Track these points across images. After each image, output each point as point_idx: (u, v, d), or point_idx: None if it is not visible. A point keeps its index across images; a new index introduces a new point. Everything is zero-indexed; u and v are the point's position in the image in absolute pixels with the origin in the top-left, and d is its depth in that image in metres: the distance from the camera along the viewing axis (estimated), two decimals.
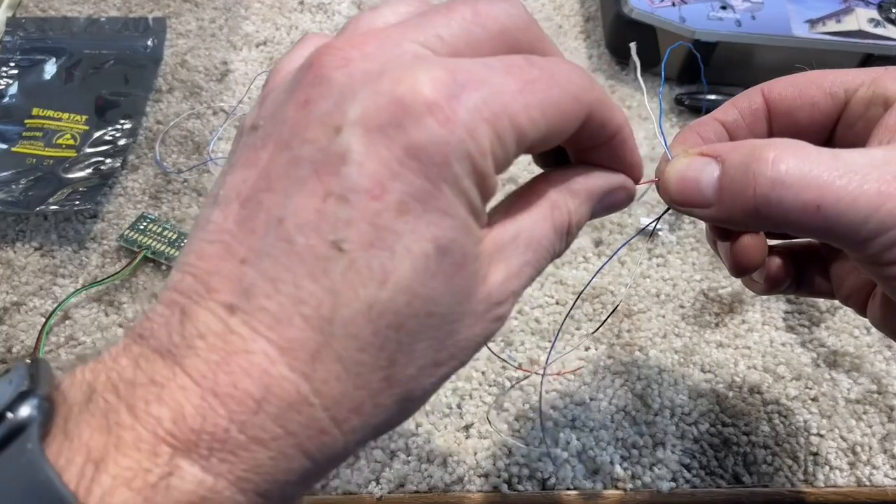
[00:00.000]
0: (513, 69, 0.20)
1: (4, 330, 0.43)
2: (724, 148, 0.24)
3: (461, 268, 0.19)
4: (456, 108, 0.18)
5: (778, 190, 0.22)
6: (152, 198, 0.49)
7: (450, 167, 0.18)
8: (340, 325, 0.18)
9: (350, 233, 0.18)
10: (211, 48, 0.58)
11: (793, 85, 0.28)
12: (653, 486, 0.39)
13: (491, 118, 0.19)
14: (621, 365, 0.43)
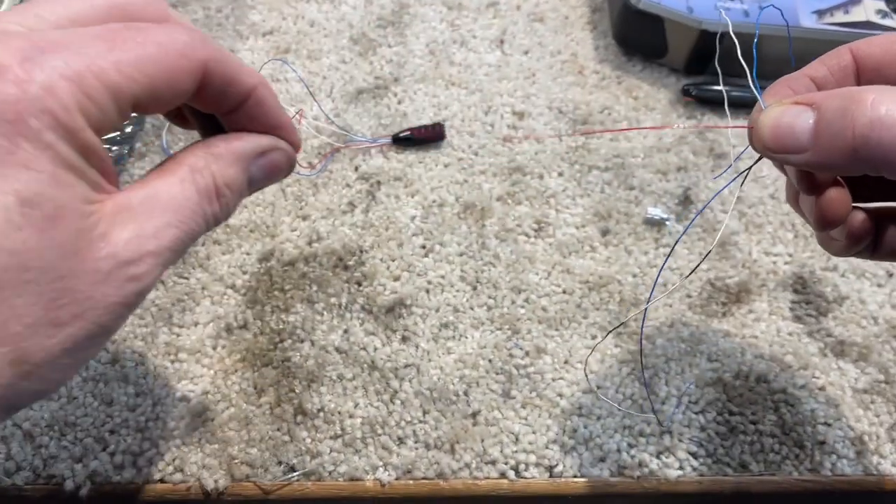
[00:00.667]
0: (106, 33, 0.21)
1: None
2: (819, 96, 0.25)
3: (57, 221, 0.20)
4: (30, 69, 0.19)
5: (878, 130, 0.22)
6: None
7: (25, 123, 0.19)
8: None
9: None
10: (218, 37, 0.58)
11: (880, 44, 0.28)
12: (660, 474, 0.39)
13: (72, 76, 0.20)
14: (628, 354, 0.43)
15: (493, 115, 0.54)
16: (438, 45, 0.58)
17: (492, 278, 0.46)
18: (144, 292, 0.22)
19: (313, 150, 0.52)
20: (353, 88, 0.55)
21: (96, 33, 0.21)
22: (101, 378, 0.41)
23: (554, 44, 0.59)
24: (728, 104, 0.56)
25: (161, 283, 0.45)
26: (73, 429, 0.39)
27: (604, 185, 0.51)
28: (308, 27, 0.59)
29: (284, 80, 0.56)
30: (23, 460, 0.38)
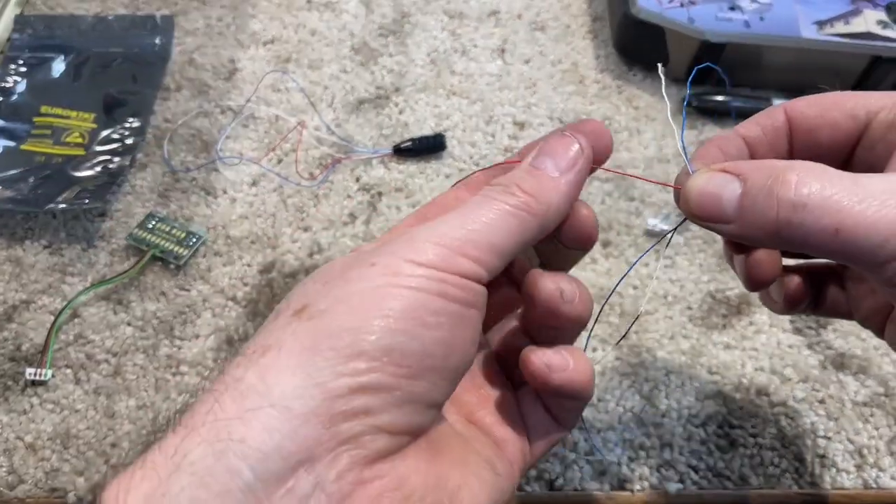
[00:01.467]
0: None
1: (14, 328, 0.43)
2: (746, 167, 0.25)
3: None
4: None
5: (800, 213, 0.23)
6: (161, 196, 0.49)
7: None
8: None
9: None
10: (219, 46, 0.58)
11: (816, 105, 0.28)
12: (660, 488, 0.39)
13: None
14: (628, 366, 0.43)
15: (495, 125, 0.54)
16: (439, 54, 0.59)
17: None
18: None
19: (314, 161, 0.52)
20: (354, 98, 0.55)
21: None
22: (102, 391, 0.41)
23: (555, 53, 0.59)
24: (731, 114, 0.56)
25: (163, 295, 0.45)
26: (76, 442, 0.39)
27: (604, 196, 0.51)
28: (309, 36, 0.59)
29: (285, 91, 0.56)
30: (25, 473, 0.38)
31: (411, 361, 0.22)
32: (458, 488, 0.24)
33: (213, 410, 0.21)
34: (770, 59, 0.55)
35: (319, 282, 0.24)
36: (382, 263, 0.23)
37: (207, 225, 0.48)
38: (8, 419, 0.40)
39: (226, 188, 0.50)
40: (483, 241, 0.24)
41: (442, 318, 0.23)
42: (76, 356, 0.42)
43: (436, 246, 0.23)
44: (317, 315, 0.22)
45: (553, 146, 0.26)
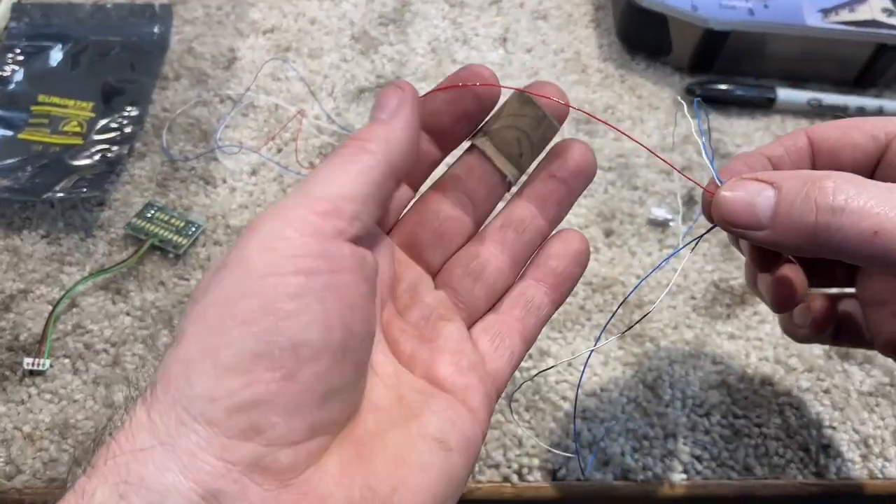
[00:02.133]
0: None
1: (11, 317, 0.43)
2: (779, 176, 0.25)
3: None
4: None
5: (838, 217, 0.23)
6: (159, 185, 0.49)
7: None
8: None
9: None
10: (218, 35, 0.57)
11: (836, 127, 0.29)
12: (664, 478, 0.39)
13: None
14: (632, 356, 0.43)
15: None
16: (440, 43, 0.58)
17: None
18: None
19: (314, 150, 0.51)
20: (354, 87, 0.55)
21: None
22: (101, 381, 0.41)
23: (557, 42, 0.59)
24: (734, 103, 0.55)
25: (162, 285, 0.44)
26: (74, 432, 0.39)
27: (607, 186, 0.50)
28: (309, 25, 0.59)
29: (285, 79, 0.55)
30: (23, 463, 0.38)
31: (283, 360, 0.21)
32: (393, 491, 0.22)
33: (111, 449, 0.20)
34: (774, 47, 0.55)
35: (191, 301, 0.23)
36: (232, 260, 0.22)
37: (207, 214, 0.47)
38: (6, 409, 0.40)
39: (225, 177, 0.49)
40: (333, 193, 0.23)
41: (304, 300, 0.21)
42: (74, 346, 0.42)
43: (283, 219, 0.22)
44: (182, 340, 0.21)
45: (380, 98, 0.26)
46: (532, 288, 0.29)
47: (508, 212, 0.30)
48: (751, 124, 0.55)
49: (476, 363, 0.27)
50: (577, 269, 0.30)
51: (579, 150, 0.29)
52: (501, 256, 0.29)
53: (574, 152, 0.29)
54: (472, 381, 0.26)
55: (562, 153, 0.29)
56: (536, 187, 0.30)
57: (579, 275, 0.30)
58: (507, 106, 0.29)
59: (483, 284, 0.29)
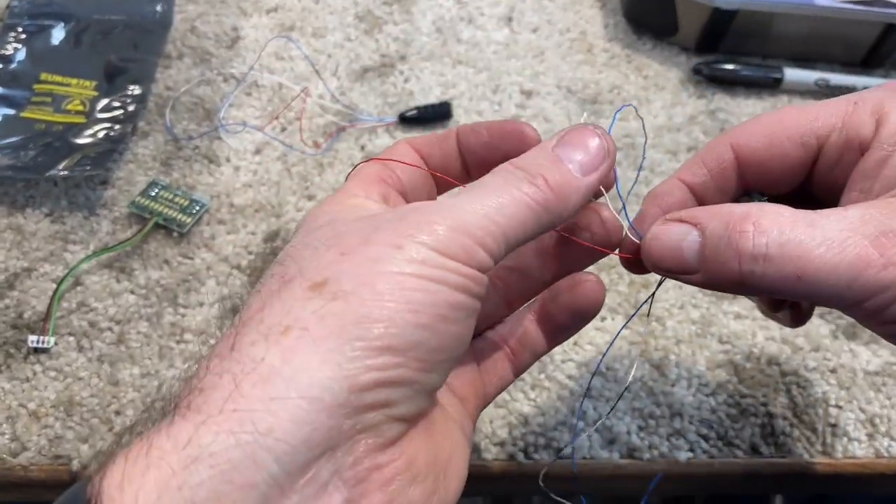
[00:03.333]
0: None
1: (15, 295, 0.43)
2: (703, 215, 0.25)
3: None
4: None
5: (761, 264, 0.23)
6: (163, 164, 0.48)
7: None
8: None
9: None
10: (221, 14, 0.57)
11: (762, 136, 0.27)
12: (670, 456, 0.39)
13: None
14: (638, 336, 0.43)
15: (501, 94, 0.53)
16: (445, 22, 0.58)
17: None
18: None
19: (318, 129, 0.51)
20: (358, 66, 0.55)
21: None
22: (106, 359, 0.40)
23: (563, 21, 0.58)
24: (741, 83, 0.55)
25: (166, 263, 0.44)
26: (79, 409, 0.39)
27: None
28: (313, 4, 0.58)
29: (289, 59, 0.55)
30: (28, 441, 0.38)
31: (430, 356, 0.22)
32: (449, 459, 0.25)
33: (232, 397, 0.20)
34: (781, 27, 0.54)
35: (335, 250, 0.23)
36: (408, 248, 0.22)
37: (211, 193, 0.47)
38: (10, 386, 0.39)
39: (229, 156, 0.49)
40: (499, 231, 0.23)
41: (460, 314, 0.23)
42: (79, 324, 0.42)
43: (457, 233, 0.23)
44: (342, 296, 0.21)
45: (582, 138, 0.25)
46: (532, 326, 0.30)
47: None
48: (758, 104, 0.54)
49: (473, 380, 0.29)
50: (580, 324, 0.30)
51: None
52: (501, 293, 0.30)
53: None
54: (468, 394, 0.29)
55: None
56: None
57: (582, 326, 0.30)
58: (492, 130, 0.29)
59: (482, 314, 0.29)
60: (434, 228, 0.23)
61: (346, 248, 0.23)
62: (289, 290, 0.22)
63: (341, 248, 0.23)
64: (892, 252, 0.22)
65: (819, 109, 0.27)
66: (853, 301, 0.23)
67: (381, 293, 0.21)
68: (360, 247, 0.23)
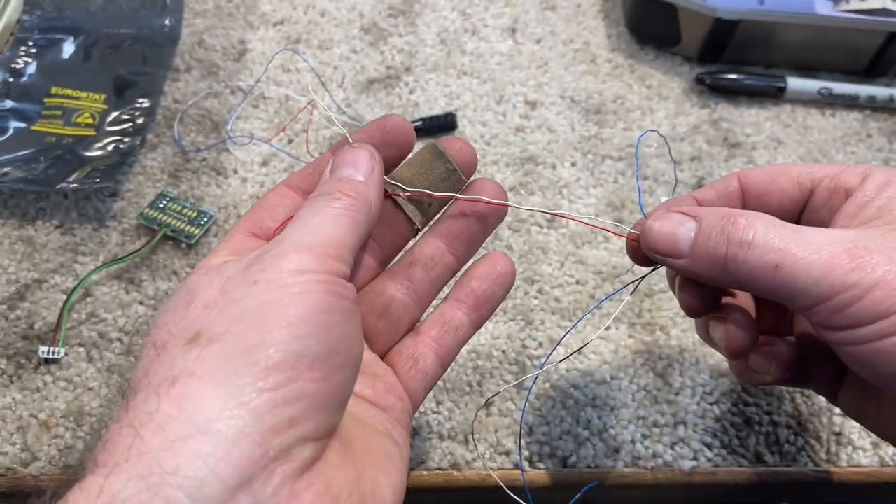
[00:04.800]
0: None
1: (26, 307, 0.43)
2: (702, 210, 0.28)
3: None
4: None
5: (745, 250, 0.26)
6: (171, 176, 0.49)
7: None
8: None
9: None
10: (228, 27, 0.58)
11: (766, 173, 0.31)
12: (674, 465, 0.39)
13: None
14: (642, 344, 0.43)
15: (506, 105, 0.54)
16: (450, 34, 0.58)
17: None
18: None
19: (325, 140, 0.52)
20: (364, 78, 0.55)
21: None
22: (115, 369, 0.41)
23: (566, 32, 0.59)
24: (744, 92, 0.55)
25: (174, 274, 0.45)
26: (89, 419, 0.39)
27: (617, 175, 0.50)
28: (319, 17, 0.59)
29: (296, 71, 0.55)
30: (39, 450, 0.38)
31: (322, 363, 0.23)
32: (375, 474, 0.26)
33: (135, 446, 0.20)
34: (784, 36, 0.55)
35: (197, 307, 0.24)
36: (265, 279, 0.24)
37: (218, 204, 0.48)
38: (21, 397, 0.40)
39: (236, 168, 0.50)
40: (336, 241, 0.25)
41: (337, 315, 0.24)
42: (89, 335, 0.42)
43: (305, 253, 0.24)
44: (216, 339, 0.22)
45: (348, 157, 0.29)
46: (451, 309, 0.32)
47: (417, 249, 0.32)
48: (761, 114, 0.54)
49: (392, 385, 0.30)
50: (499, 291, 0.33)
51: (492, 188, 0.32)
52: (407, 293, 0.32)
53: (487, 191, 0.31)
54: (391, 401, 0.30)
55: (474, 190, 0.32)
56: (447, 224, 0.32)
57: (502, 297, 0.33)
58: (419, 156, 0.32)
59: (387, 321, 0.32)
60: (283, 258, 0.24)
61: (207, 301, 0.24)
62: (167, 352, 0.23)
63: (203, 302, 0.24)
64: (862, 260, 0.24)
65: (817, 165, 0.31)
66: (818, 298, 0.25)
67: (252, 323, 0.23)
68: (220, 295, 0.24)
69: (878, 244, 0.25)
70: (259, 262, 0.25)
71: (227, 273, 0.25)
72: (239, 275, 0.24)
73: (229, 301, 0.23)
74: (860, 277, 0.24)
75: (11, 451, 0.38)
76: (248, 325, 0.23)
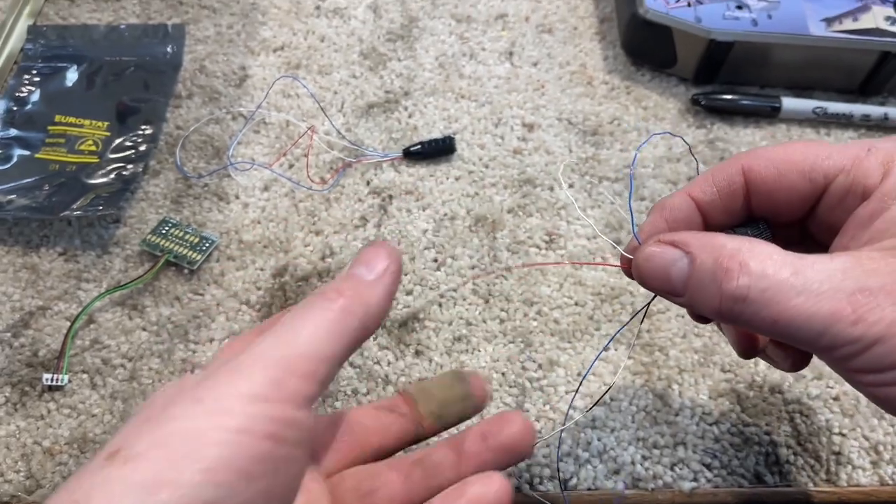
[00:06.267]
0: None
1: (31, 334, 0.44)
2: (695, 243, 0.26)
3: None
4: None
5: (740, 305, 0.24)
6: (174, 202, 0.50)
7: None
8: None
9: None
10: (229, 54, 0.58)
11: (773, 165, 0.28)
12: (674, 486, 0.39)
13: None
14: (641, 365, 0.43)
15: (503, 128, 0.55)
16: (448, 58, 0.59)
17: (504, 291, 0.46)
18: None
19: (325, 165, 0.52)
20: (363, 103, 0.56)
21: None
22: (119, 395, 0.41)
23: (563, 55, 0.60)
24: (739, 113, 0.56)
25: (177, 300, 0.45)
26: (93, 446, 0.40)
27: (614, 196, 0.51)
28: (318, 42, 0.60)
29: (296, 96, 0.56)
30: (43, 478, 0.39)
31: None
32: None
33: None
34: (778, 56, 0.55)
35: (139, 418, 0.22)
36: (210, 398, 0.22)
37: (220, 230, 0.48)
38: (25, 424, 0.40)
39: (238, 193, 0.50)
40: (310, 352, 0.23)
41: (267, 465, 0.22)
42: (92, 361, 0.43)
43: (264, 370, 0.23)
44: (131, 459, 0.21)
45: (366, 255, 0.27)
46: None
47: (429, 451, 0.31)
48: (756, 133, 0.55)
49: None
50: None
51: (519, 425, 0.30)
52: (399, 486, 0.30)
53: (513, 427, 0.30)
54: None
55: (501, 423, 0.31)
56: (465, 443, 0.31)
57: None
58: (443, 376, 0.33)
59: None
60: (239, 374, 0.22)
61: (148, 415, 0.22)
62: (89, 463, 0.22)
63: (144, 416, 0.23)
64: (864, 309, 0.23)
65: (832, 149, 0.28)
66: (823, 348, 0.24)
67: (172, 452, 0.21)
68: (161, 410, 0.22)
69: (882, 281, 0.23)
70: (213, 377, 0.23)
71: (185, 384, 0.23)
72: (191, 387, 0.23)
73: (165, 418, 0.22)
74: (863, 332, 0.23)
75: (16, 478, 0.39)
76: (168, 452, 0.21)
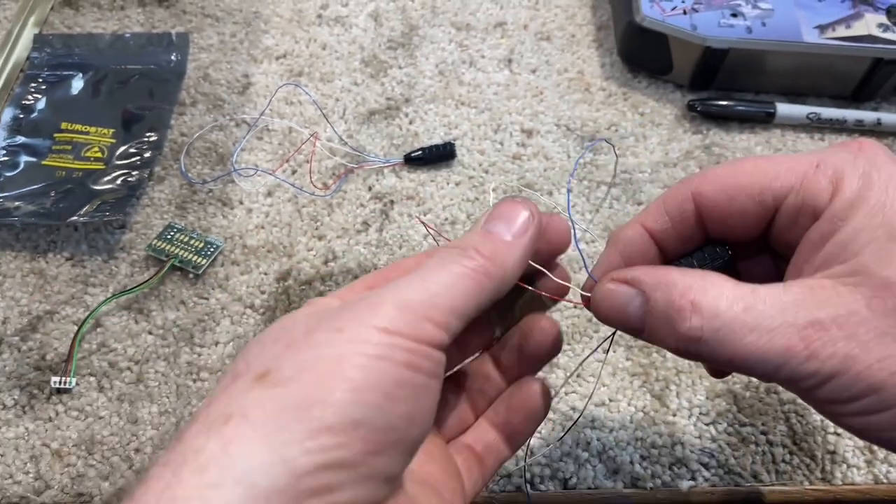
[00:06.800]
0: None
1: (38, 338, 0.44)
2: (648, 281, 0.26)
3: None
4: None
5: (695, 345, 0.24)
6: (178, 208, 0.50)
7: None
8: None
9: None
10: (232, 61, 0.59)
11: (722, 189, 0.28)
12: (672, 485, 0.40)
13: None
14: (639, 366, 0.44)
15: (503, 134, 0.55)
16: (448, 65, 0.60)
17: None
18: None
19: (327, 171, 0.53)
20: (365, 110, 0.57)
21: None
22: (125, 398, 0.42)
23: (561, 62, 0.60)
24: (735, 118, 0.57)
25: (182, 304, 0.46)
26: (100, 447, 0.40)
27: (612, 201, 0.52)
28: (320, 50, 0.61)
29: (298, 103, 0.57)
30: (51, 479, 0.39)
31: (376, 436, 0.22)
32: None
33: (170, 486, 0.20)
34: (773, 63, 0.56)
35: (281, 343, 0.23)
36: (349, 329, 0.23)
37: (224, 235, 0.49)
38: (34, 426, 0.41)
39: (242, 199, 0.51)
40: (445, 304, 0.24)
41: (408, 390, 0.23)
42: (99, 364, 0.43)
43: (401, 311, 0.23)
44: (282, 382, 0.22)
45: (505, 211, 0.27)
46: (492, 434, 0.32)
47: (477, 367, 0.33)
48: (751, 139, 0.56)
49: (451, 472, 0.30)
50: (534, 424, 0.32)
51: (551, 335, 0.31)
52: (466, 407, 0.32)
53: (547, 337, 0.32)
54: (447, 485, 0.29)
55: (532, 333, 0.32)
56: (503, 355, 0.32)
57: (535, 427, 0.32)
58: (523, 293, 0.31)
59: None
60: (377, 310, 0.23)
61: (290, 340, 0.23)
62: (235, 384, 0.23)
63: (286, 341, 0.23)
64: (816, 345, 0.23)
65: (780, 167, 0.27)
66: (784, 382, 0.24)
67: (320, 375, 0.22)
68: (304, 337, 0.23)
69: (833, 313, 0.23)
70: (352, 309, 0.24)
71: (323, 314, 0.24)
72: (330, 317, 0.24)
73: (309, 344, 0.23)
74: (817, 367, 0.23)
75: (25, 479, 0.39)
76: (316, 375, 0.22)
